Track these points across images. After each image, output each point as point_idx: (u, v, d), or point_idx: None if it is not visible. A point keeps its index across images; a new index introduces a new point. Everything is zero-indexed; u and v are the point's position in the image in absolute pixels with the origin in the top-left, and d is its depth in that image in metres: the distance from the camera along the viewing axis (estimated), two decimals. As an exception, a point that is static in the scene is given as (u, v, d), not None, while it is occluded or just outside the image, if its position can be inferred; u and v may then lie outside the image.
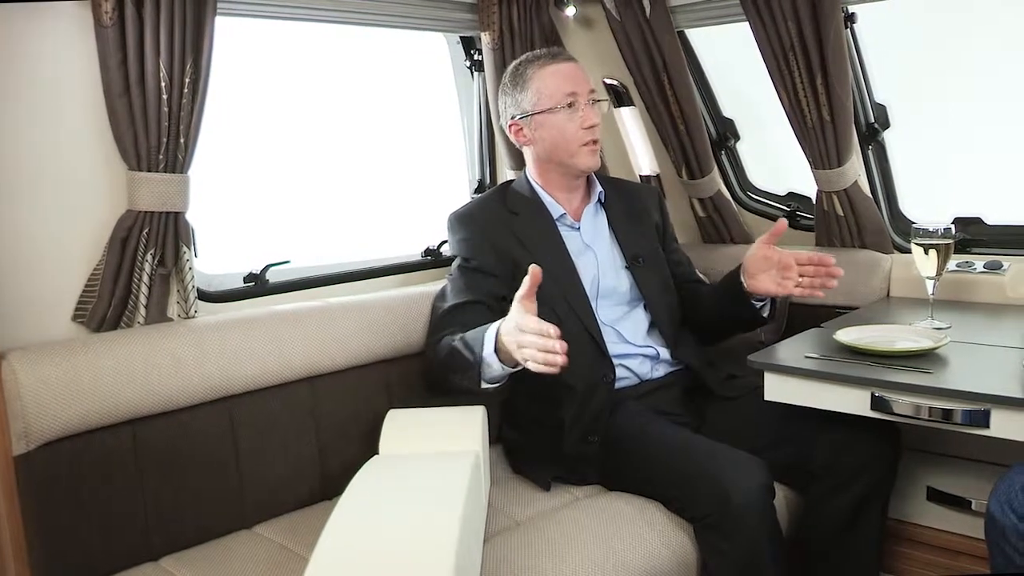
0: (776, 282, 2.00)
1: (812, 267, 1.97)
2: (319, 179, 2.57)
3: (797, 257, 1.98)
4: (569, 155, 2.16)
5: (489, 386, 1.91)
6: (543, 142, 2.18)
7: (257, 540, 1.91)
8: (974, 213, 2.49)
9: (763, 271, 2.01)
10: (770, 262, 2.00)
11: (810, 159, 2.51)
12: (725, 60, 2.82)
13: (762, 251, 2.01)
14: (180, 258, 1.96)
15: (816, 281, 1.97)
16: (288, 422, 2.03)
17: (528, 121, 2.17)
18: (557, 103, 2.13)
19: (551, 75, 2.15)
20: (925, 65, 2.58)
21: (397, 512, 1.56)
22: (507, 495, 2.07)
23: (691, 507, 1.87)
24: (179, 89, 1.87)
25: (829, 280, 1.96)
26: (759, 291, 2.03)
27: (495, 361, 1.84)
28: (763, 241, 2.01)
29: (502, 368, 1.84)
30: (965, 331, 2.08)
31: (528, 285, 1.72)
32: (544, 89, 2.14)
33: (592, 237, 2.23)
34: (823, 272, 1.96)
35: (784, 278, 1.99)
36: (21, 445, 1.67)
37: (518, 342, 1.71)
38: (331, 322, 2.10)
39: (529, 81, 2.16)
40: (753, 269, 2.03)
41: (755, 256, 2.02)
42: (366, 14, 2.39)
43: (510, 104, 2.20)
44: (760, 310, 2.12)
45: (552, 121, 2.14)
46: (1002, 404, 1.64)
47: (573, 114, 2.13)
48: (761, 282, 2.02)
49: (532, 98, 2.15)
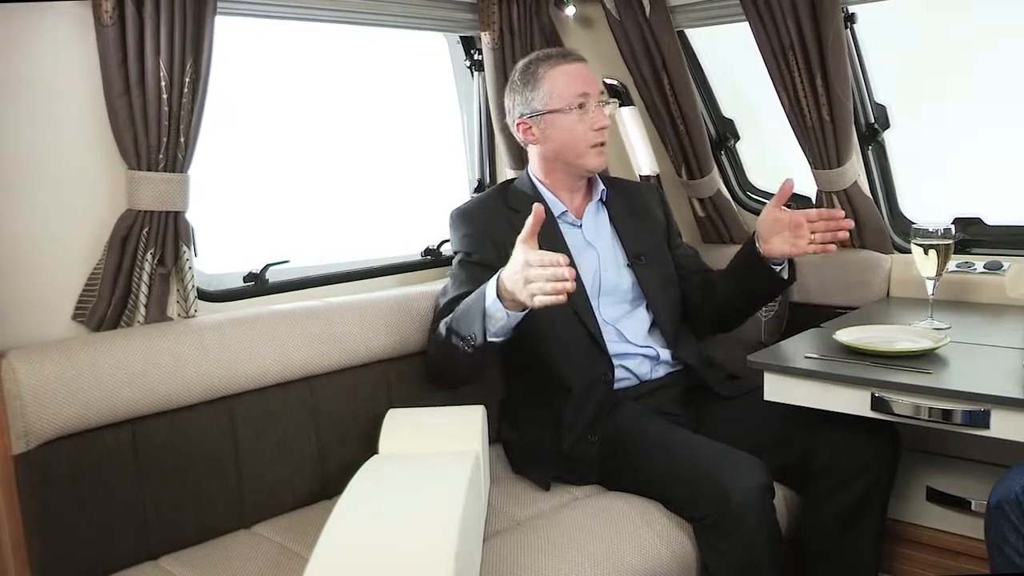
0: (790, 243, 2.03)
1: (822, 222, 2.00)
2: (319, 179, 2.57)
3: (807, 215, 2.01)
4: (577, 156, 2.16)
5: (495, 340, 1.89)
6: (551, 142, 2.18)
7: (256, 539, 1.91)
8: (974, 213, 2.49)
9: (776, 234, 2.04)
10: (781, 224, 2.03)
11: (810, 159, 2.51)
12: (725, 60, 2.81)
13: (772, 214, 2.04)
14: (180, 257, 1.96)
15: (827, 236, 2.01)
16: (288, 421, 2.03)
17: (538, 120, 2.17)
18: (568, 104, 2.13)
19: (563, 75, 2.15)
20: (925, 65, 2.58)
21: (397, 512, 1.57)
22: (507, 495, 2.07)
23: (690, 507, 1.87)
24: (179, 88, 1.87)
25: (840, 231, 2.00)
26: (774, 254, 2.06)
27: (499, 308, 1.84)
28: (772, 205, 2.04)
29: (507, 315, 1.84)
30: (965, 331, 2.08)
31: (531, 224, 1.74)
32: (555, 89, 2.14)
33: (594, 235, 2.24)
34: (833, 226, 2.00)
35: (797, 237, 2.02)
36: (21, 444, 1.67)
37: (525, 278, 1.72)
38: (331, 322, 2.10)
39: (541, 80, 2.16)
40: (766, 234, 2.06)
41: (766, 220, 2.05)
42: (366, 14, 2.38)
43: (519, 102, 2.20)
44: (780, 273, 2.13)
45: (562, 121, 2.15)
46: (1002, 405, 1.65)
47: (584, 115, 2.14)
48: (775, 245, 2.05)
49: (543, 97, 2.15)
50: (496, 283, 1.84)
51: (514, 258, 1.77)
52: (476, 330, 1.89)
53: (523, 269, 1.72)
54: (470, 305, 1.92)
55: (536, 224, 1.74)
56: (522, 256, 1.74)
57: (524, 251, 1.74)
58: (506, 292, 1.81)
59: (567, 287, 1.67)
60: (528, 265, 1.71)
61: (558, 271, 1.67)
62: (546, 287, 1.68)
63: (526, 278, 1.72)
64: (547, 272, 1.68)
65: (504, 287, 1.81)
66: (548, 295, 1.69)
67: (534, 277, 1.70)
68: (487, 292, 1.86)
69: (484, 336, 1.88)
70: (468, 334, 1.91)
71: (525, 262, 1.72)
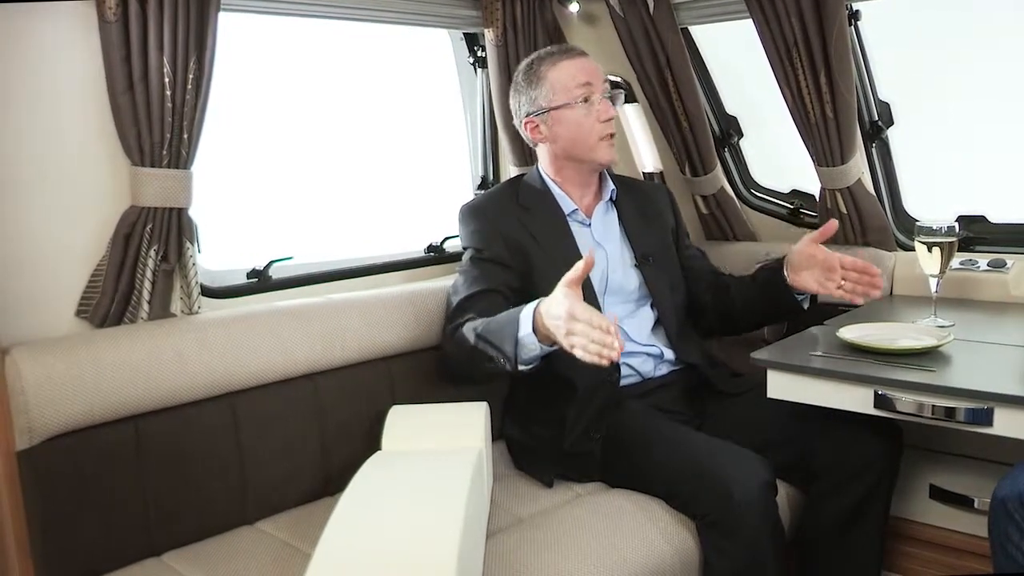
0: (819, 281, 2.01)
1: (856, 274, 1.98)
2: (322, 175, 2.57)
3: (843, 261, 1.99)
4: (588, 149, 2.16)
5: (525, 367, 1.86)
6: (561, 139, 2.17)
7: (259, 536, 1.91)
8: (978, 211, 2.49)
9: (807, 268, 2.03)
10: (815, 260, 2.01)
11: (813, 156, 2.51)
12: (728, 57, 2.81)
13: (809, 249, 2.02)
14: (183, 254, 1.96)
15: (859, 288, 1.98)
16: (291, 418, 2.03)
17: (545, 118, 2.16)
18: (573, 98, 2.13)
19: (565, 69, 2.14)
20: (929, 62, 2.57)
21: (400, 508, 1.57)
22: (509, 492, 2.07)
23: (693, 504, 1.87)
24: (183, 85, 1.87)
25: (872, 290, 1.97)
26: (800, 287, 2.05)
27: (532, 341, 1.80)
28: (811, 239, 2.02)
29: (540, 347, 1.81)
30: (968, 329, 2.07)
31: (580, 270, 1.71)
32: (558, 84, 2.13)
33: (603, 234, 2.23)
34: (866, 280, 1.97)
35: (827, 279, 2.00)
36: (24, 440, 1.67)
37: (569, 329, 1.67)
38: (334, 318, 2.10)
39: (543, 77, 2.15)
40: (798, 265, 2.04)
41: (801, 253, 2.03)
42: (370, 10, 2.39)
43: (524, 102, 2.19)
44: (801, 302, 2.13)
45: (569, 116, 2.14)
46: (1005, 403, 1.64)
47: (590, 108, 2.13)
48: (804, 279, 2.03)
49: (547, 94, 2.14)
50: (532, 317, 1.80)
51: (556, 300, 1.71)
52: (508, 353, 1.84)
53: (568, 321, 1.67)
54: (503, 326, 1.87)
55: (586, 270, 1.71)
56: (567, 305, 1.68)
57: (569, 300, 1.68)
58: (542, 328, 1.77)
59: (612, 356, 1.62)
60: (573, 319, 1.66)
61: (606, 339, 1.62)
62: (590, 347, 1.64)
63: (569, 330, 1.67)
64: (593, 334, 1.63)
65: (541, 323, 1.77)
66: (592, 354, 1.64)
67: (579, 332, 1.65)
68: (521, 324, 1.81)
69: (516, 364, 1.84)
70: (499, 355, 1.87)
71: (570, 314, 1.67)
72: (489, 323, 1.92)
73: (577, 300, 1.68)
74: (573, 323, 1.66)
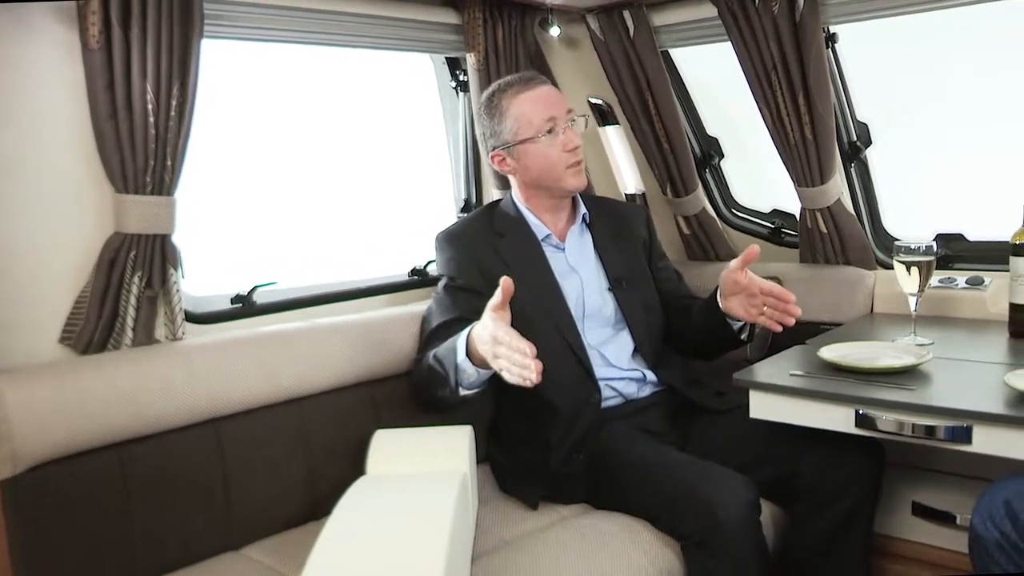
0: (744, 307, 1.99)
1: (772, 299, 1.94)
2: (306, 200, 2.58)
3: (761, 287, 1.95)
4: (556, 179, 2.16)
5: (468, 392, 1.93)
6: (528, 171, 2.17)
7: (245, 562, 1.91)
8: (956, 229, 2.52)
9: (734, 294, 2.00)
10: (739, 286, 1.98)
11: (793, 177, 2.53)
12: (709, 79, 2.84)
13: (733, 275, 1.97)
14: (167, 280, 1.96)
15: (775, 314, 1.94)
16: (276, 443, 2.03)
17: (511, 151, 2.17)
18: (537, 131, 2.12)
19: (528, 102, 2.13)
20: (907, 83, 2.61)
21: (385, 532, 1.57)
22: (494, 514, 2.07)
23: (678, 525, 1.87)
24: (166, 112, 1.88)
25: (786, 317, 1.93)
26: (732, 313, 2.02)
27: (469, 366, 1.87)
28: (735, 265, 1.97)
29: (477, 372, 1.87)
30: (948, 347, 2.09)
31: (500, 297, 1.75)
32: (522, 117, 2.13)
33: (577, 258, 2.24)
34: (781, 307, 1.93)
35: (751, 305, 1.98)
36: (7, 468, 1.66)
37: (494, 352, 1.74)
38: (318, 343, 2.11)
39: (505, 111, 2.15)
40: (726, 291, 2.01)
41: (726, 279, 1.99)
42: (352, 35, 2.39)
43: (489, 135, 2.19)
44: (740, 332, 2.11)
45: (534, 149, 2.14)
46: (984, 420, 1.66)
47: (554, 139, 2.13)
48: (733, 305, 2.00)
49: (511, 128, 2.14)
50: (466, 342, 1.86)
51: (484, 324, 1.78)
52: (451, 381, 1.92)
53: (492, 345, 1.74)
54: (448, 353, 1.94)
55: (506, 297, 1.75)
56: (491, 328, 1.75)
57: (494, 323, 1.74)
58: (476, 352, 1.83)
59: (531, 377, 1.66)
60: (497, 342, 1.73)
61: (525, 361, 1.67)
62: (512, 369, 1.70)
63: (495, 353, 1.74)
64: (514, 357, 1.69)
65: (474, 347, 1.83)
66: (515, 376, 1.70)
67: (502, 355, 1.72)
68: (458, 349, 1.88)
69: (458, 391, 1.92)
70: (445, 383, 1.95)
71: (494, 338, 1.74)
72: (438, 351, 1.98)
73: (501, 324, 1.74)
74: (497, 346, 1.73)
